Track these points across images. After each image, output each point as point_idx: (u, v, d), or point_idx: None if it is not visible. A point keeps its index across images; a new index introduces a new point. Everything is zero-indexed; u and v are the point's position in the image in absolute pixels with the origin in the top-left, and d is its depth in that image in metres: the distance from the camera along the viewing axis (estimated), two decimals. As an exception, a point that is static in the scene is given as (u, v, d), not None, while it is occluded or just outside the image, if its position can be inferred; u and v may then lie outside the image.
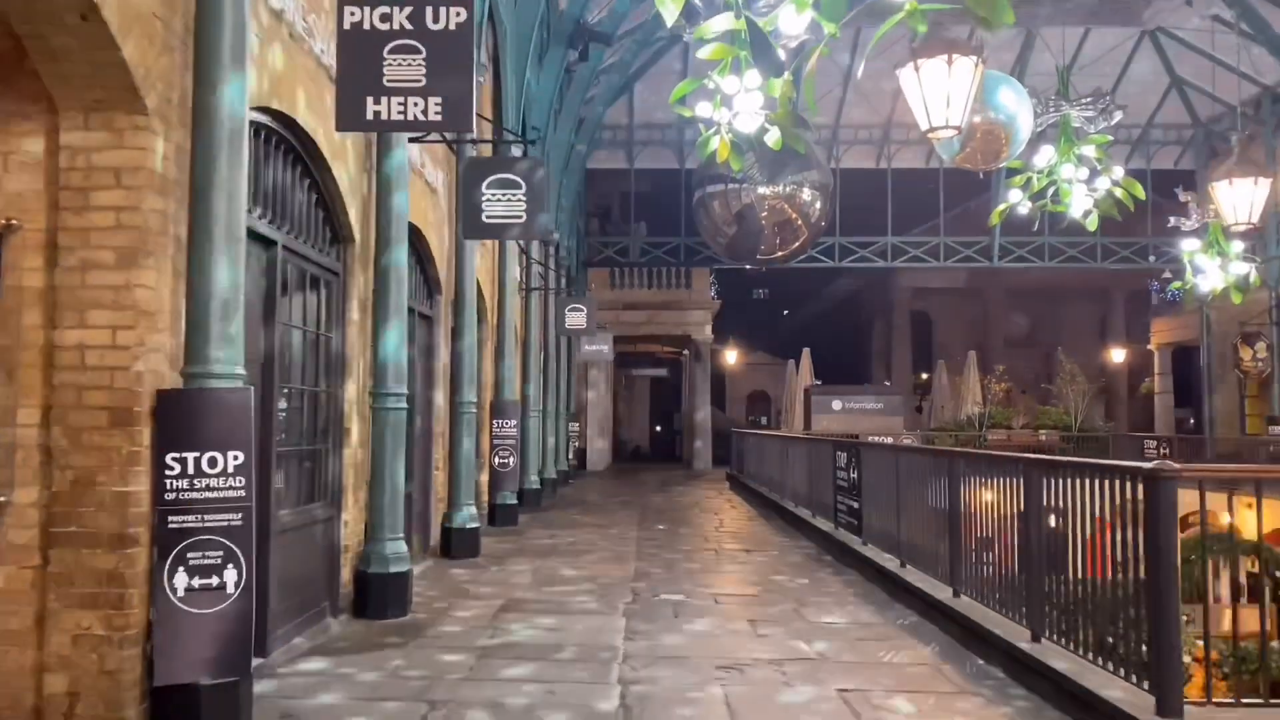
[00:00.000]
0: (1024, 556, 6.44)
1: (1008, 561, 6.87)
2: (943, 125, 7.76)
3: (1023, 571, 6.45)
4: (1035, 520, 6.29)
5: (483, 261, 13.47)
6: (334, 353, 7.53)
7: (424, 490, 10.52)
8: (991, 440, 26.33)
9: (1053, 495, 6.13)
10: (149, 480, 4.45)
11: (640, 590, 8.99)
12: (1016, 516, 6.73)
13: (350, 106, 5.51)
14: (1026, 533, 6.38)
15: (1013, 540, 6.78)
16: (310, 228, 7.05)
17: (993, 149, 14.23)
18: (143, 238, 4.45)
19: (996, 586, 6.99)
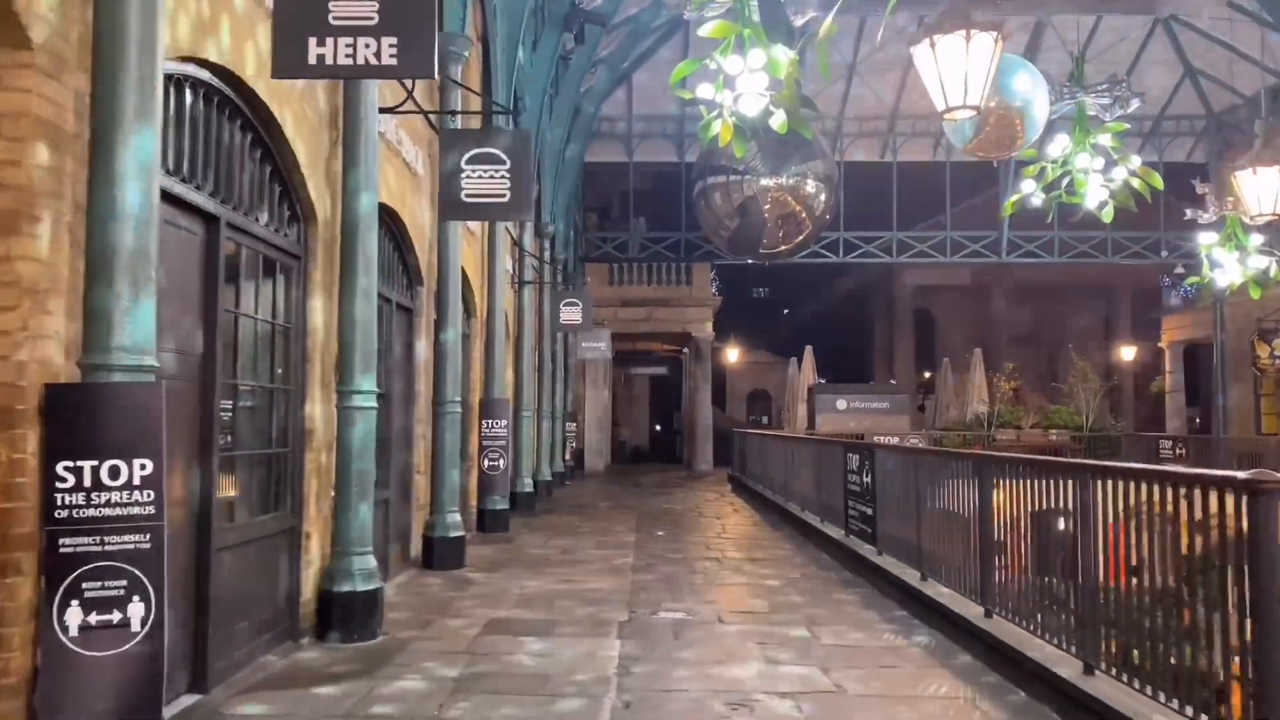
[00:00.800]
0: (1073, 574, 5.66)
1: (1050, 578, 6.10)
2: (960, 105, 7.22)
3: (1071, 591, 5.67)
4: (1088, 533, 5.50)
5: (470, 251, 12.68)
6: (294, 346, 6.75)
7: (403, 496, 9.73)
8: (1000, 440, 25.54)
9: (1107, 504, 5.35)
10: (35, 495, 3.67)
11: (637, 607, 8.21)
12: (1059, 527, 5.96)
13: (289, 48, 4.72)
14: (1077, 547, 5.59)
15: (1056, 555, 6.01)
16: (263, 204, 6.26)
17: (1006, 136, 13.48)
18: (27, 199, 3.66)
19: (1037, 606, 6.20)
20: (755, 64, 5.72)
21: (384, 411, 8.96)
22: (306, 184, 6.65)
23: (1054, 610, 5.94)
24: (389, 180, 8.74)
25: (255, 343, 6.21)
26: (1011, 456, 6.71)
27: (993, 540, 6.91)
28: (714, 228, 23.35)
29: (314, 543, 6.85)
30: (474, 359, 13.35)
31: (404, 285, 9.73)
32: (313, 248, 6.87)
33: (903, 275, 40.89)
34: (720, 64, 5.97)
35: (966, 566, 7.40)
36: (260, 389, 6.38)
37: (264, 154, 6.25)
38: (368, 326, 7.04)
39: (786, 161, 21.76)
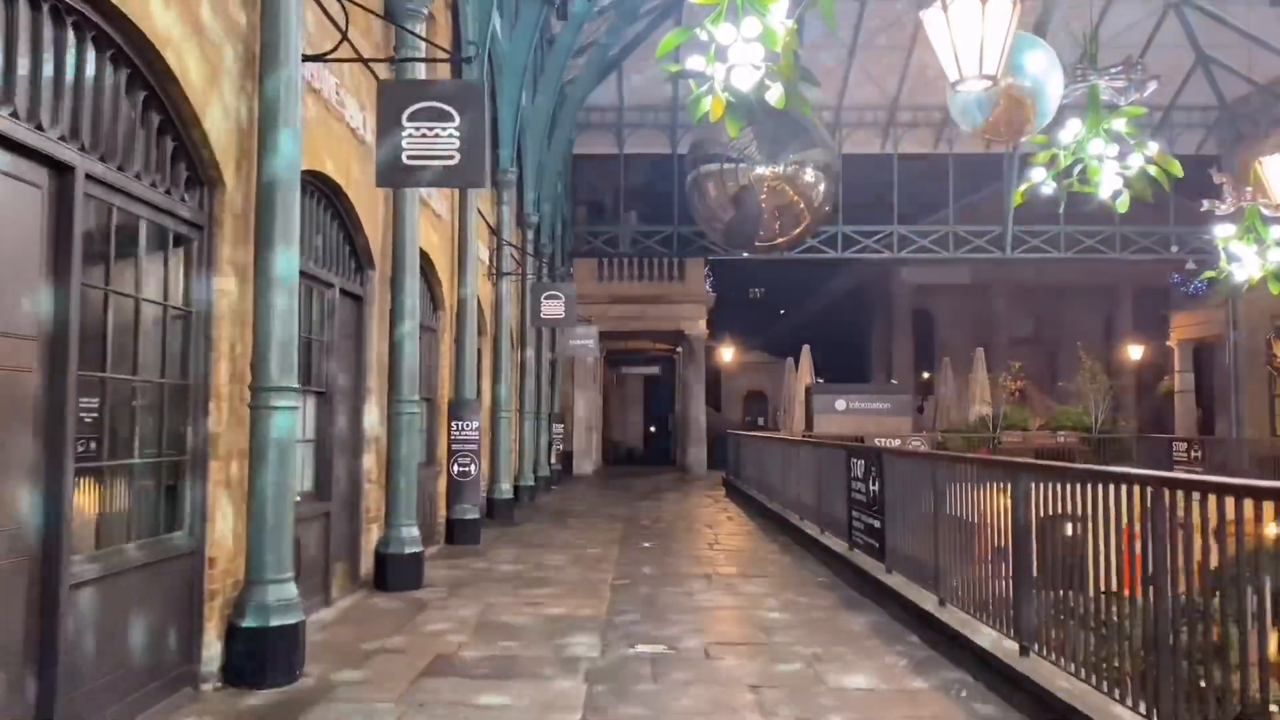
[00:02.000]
0: (1145, 611, 4.57)
1: (1108, 613, 5.00)
2: (974, 76, 6.61)
3: (1140, 634, 4.58)
4: (1161, 560, 4.42)
5: (436, 236, 11.57)
6: (196, 335, 5.63)
7: (350, 508, 8.61)
8: (1006, 443, 24.54)
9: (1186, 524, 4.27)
10: None
11: (613, 639, 7.09)
12: (1121, 549, 4.87)
13: None
14: (1152, 577, 4.50)
15: (1115, 584, 4.92)
16: (147, 159, 5.14)
17: (1018, 118, 12.49)
18: None
19: (1091, 647, 5.10)
20: (750, 33, 5.24)
21: (325, 412, 7.88)
22: (210, 140, 5.53)
23: (1116, 654, 4.84)
24: (331, 148, 7.63)
25: (137, 329, 5.09)
26: (1057, 465, 5.63)
27: (1031, 564, 5.83)
28: (707, 219, 22.28)
29: (220, 570, 5.73)
30: (443, 355, 12.24)
31: (351, 269, 8.60)
32: (219, 217, 5.75)
33: (901, 274, 39.95)
34: (712, 33, 5.47)
35: (996, 594, 6.32)
36: (147, 385, 5.26)
37: (150, 99, 5.13)
38: (288, 314, 5.92)
39: (784, 149, 20.72)
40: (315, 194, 7.69)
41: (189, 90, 5.24)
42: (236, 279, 5.89)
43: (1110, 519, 4.86)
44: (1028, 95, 12.18)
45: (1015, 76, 11.80)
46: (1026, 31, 13.39)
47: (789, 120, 21.21)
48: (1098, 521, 4.97)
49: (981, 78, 7.45)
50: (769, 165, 20.75)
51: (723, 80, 6.33)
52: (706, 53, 5.59)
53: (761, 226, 21.52)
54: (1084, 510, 5.21)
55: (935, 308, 42.13)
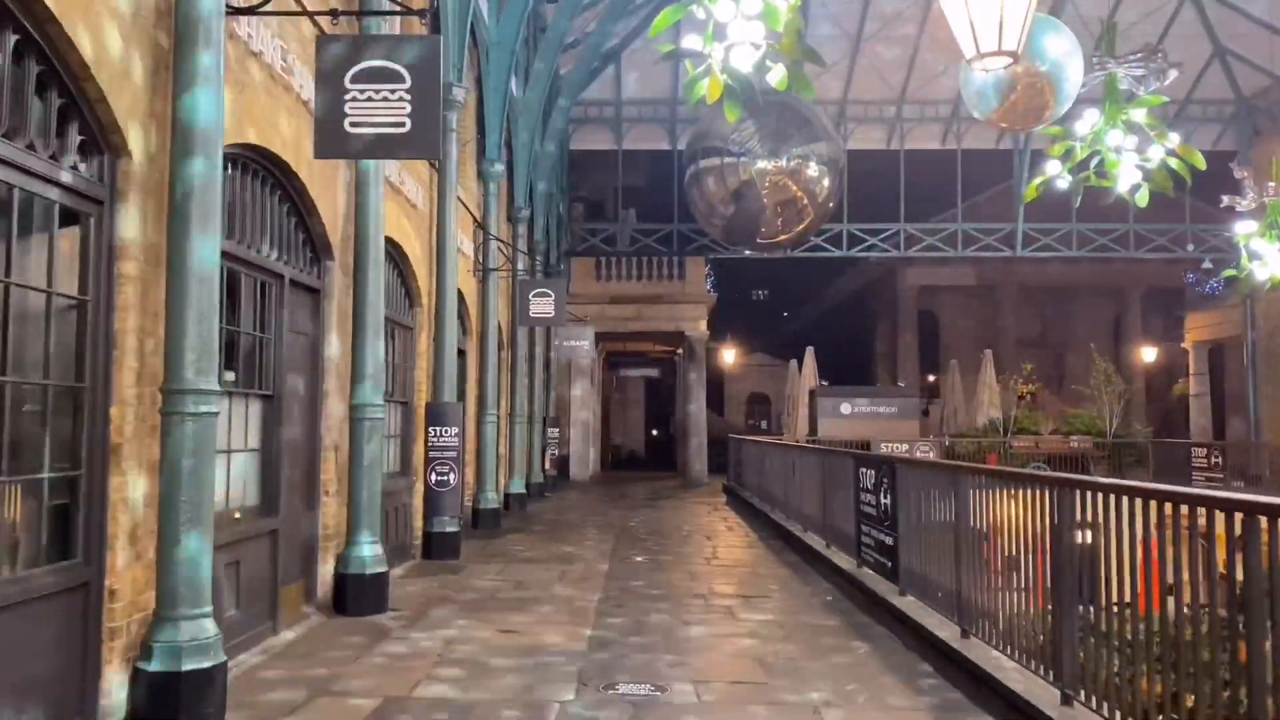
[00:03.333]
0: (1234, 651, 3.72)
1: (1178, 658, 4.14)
2: (994, 51, 6.16)
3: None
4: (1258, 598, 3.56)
5: (410, 225, 10.71)
6: (94, 329, 4.78)
7: (305, 522, 7.75)
8: (1018, 448, 23.64)
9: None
10: None
11: (592, 675, 6.23)
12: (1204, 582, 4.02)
13: None
14: (1246, 617, 3.65)
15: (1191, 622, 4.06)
16: (30, 123, 4.30)
17: (1035, 104, 11.73)
18: None
19: (1157, 701, 4.24)
20: (750, 10, 5.00)
21: (272, 418, 7.02)
22: (107, 99, 4.68)
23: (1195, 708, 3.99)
24: (277, 121, 6.78)
25: (6, 321, 4.24)
26: (1106, 482, 4.77)
27: (1072, 594, 4.97)
28: (707, 216, 21.34)
29: (124, 604, 4.88)
30: (420, 355, 11.38)
31: (305, 259, 7.74)
32: (123, 190, 4.90)
33: (906, 275, 39.11)
34: (709, 10, 5.16)
35: (1033, 628, 5.46)
36: (25, 388, 4.41)
37: (37, 56, 4.29)
38: (208, 304, 5.07)
39: (787, 142, 19.77)
40: (260, 173, 6.85)
41: (74, 34, 4.39)
42: (145, 263, 5.04)
43: (1193, 551, 4.00)
44: (1046, 81, 11.38)
45: (1033, 61, 11.00)
46: (1045, 14, 12.59)
47: (792, 113, 20.33)
48: (1175, 552, 4.11)
49: (1001, 53, 6.69)
50: (771, 159, 19.79)
51: (721, 60, 5.72)
52: (704, 31, 5.23)
53: (763, 223, 20.54)
54: (1133, 533, 4.38)
55: (940, 309, 41.29)
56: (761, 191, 20.07)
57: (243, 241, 6.54)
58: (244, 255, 6.54)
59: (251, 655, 6.53)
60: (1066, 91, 11.13)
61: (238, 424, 6.67)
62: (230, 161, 6.29)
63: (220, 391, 5.21)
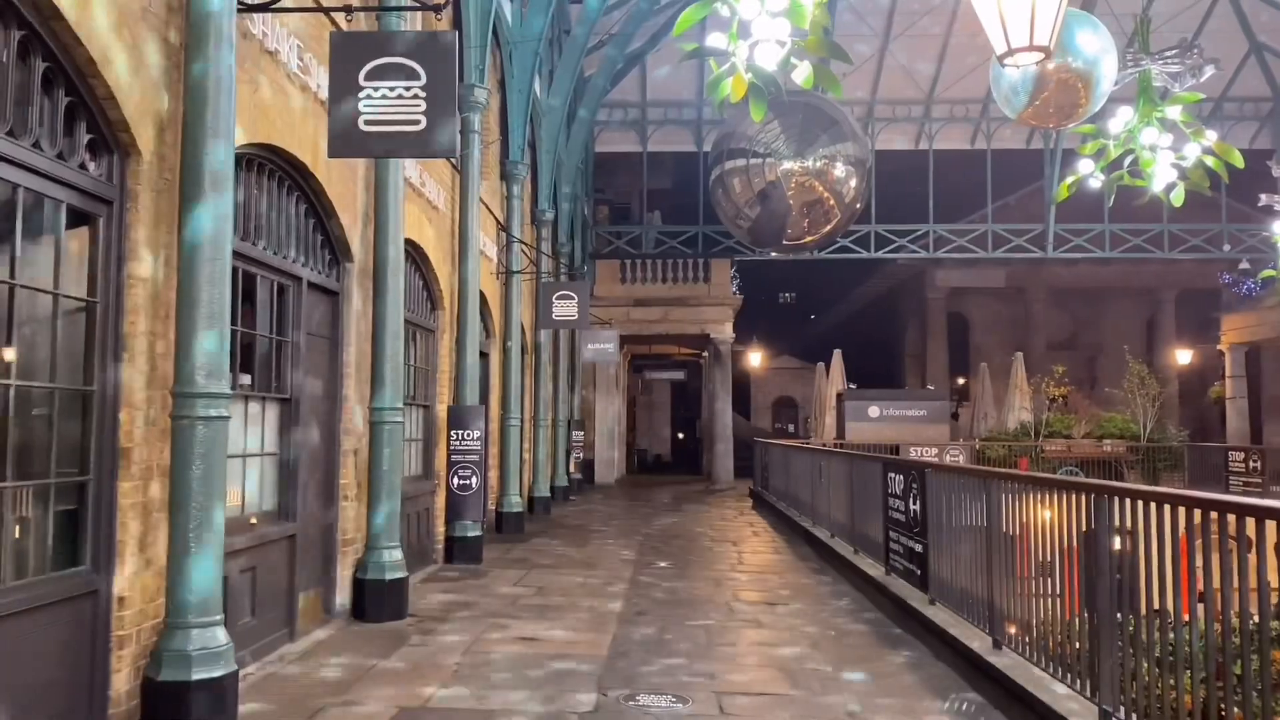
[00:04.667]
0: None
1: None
2: (1025, 47, 5.97)
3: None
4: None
5: (432, 229, 10.63)
6: (104, 330, 4.70)
7: (322, 530, 7.65)
8: (1049, 451, 23.24)
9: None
10: None
11: (613, 683, 6.09)
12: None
13: None
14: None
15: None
16: (36, 121, 4.21)
17: (1068, 102, 11.44)
18: None
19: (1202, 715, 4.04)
20: (775, 7, 4.88)
21: (290, 422, 6.93)
22: (117, 98, 4.60)
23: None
24: (292, 121, 6.70)
25: (11, 322, 4.15)
26: (1150, 490, 4.56)
27: (1109, 607, 4.77)
28: (733, 217, 21.18)
29: (133, 612, 4.78)
30: (442, 358, 11.29)
31: (324, 261, 7.66)
32: (133, 190, 4.81)
33: (935, 277, 38.72)
34: (734, 7, 5.05)
35: (1071, 642, 5.25)
36: (30, 391, 4.33)
37: (32, 41, 4.21)
38: (219, 306, 4.97)
39: (813, 143, 19.59)
40: (276, 174, 6.76)
41: (80, 31, 4.30)
42: (157, 264, 4.95)
43: (1242, 560, 3.79)
44: (1079, 78, 11.11)
45: (1065, 57, 10.74)
46: (1077, 9, 12.35)
47: (819, 113, 20.13)
48: (1218, 560, 3.91)
49: (1032, 48, 6.51)
50: (797, 160, 19.61)
51: (745, 58, 5.58)
52: (728, 29, 5.12)
53: (789, 224, 20.35)
54: (1174, 541, 4.17)
55: (970, 311, 40.84)
56: (787, 192, 19.90)
57: (259, 243, 6.45)
58: (260, 257, 6.45)
59: (267, 663, 6.43)
60: (1100, 88, 10.88)
61: (254, 428, 6.59)
62: (246, 162, 6.22)
63: (231, 395, 5.11)
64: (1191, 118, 9.32)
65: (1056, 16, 6.55)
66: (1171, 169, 9.25)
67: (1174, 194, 9.18)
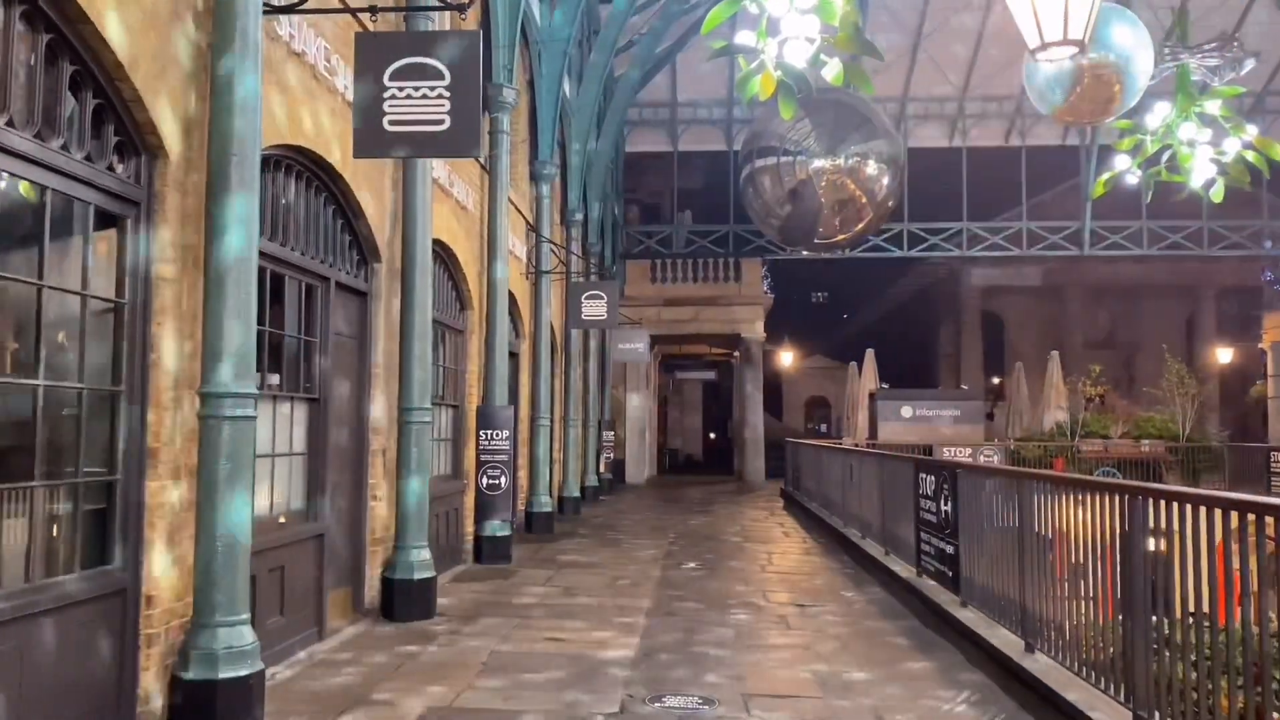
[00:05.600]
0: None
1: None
2: (1059, 41, 6.05)
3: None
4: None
5: (461, 230, 10.66)
6: (130, 331, 4.74)
7: (350, 527, 7.69)
8: (1086, 452, 22.91)
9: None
10: None
11: (638, 685, 6.06)
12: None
13: None
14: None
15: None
16: (64, 124, 4.25)
17: (1103, 97, 11.27)
18: None
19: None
20: (804, 3, 4.96)
21: (318, 421, 6.97)
22: (143, 99, 4.63)
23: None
24: (320, 122, 6.73)
25: (40, 324, 4.20)
26: (1188, 491, 4.47)
27: (1145, 610, 4.67)
28: (763, 216, 21.10)
29: (161, 610, 4.82)
30: (471, 358, 11.32)
31: (352, 262, 7.70)
32: (160, 191, 4.85)
33: (970, 276, 38.40)
34: (763, 5, 5.15)
35: (1106, 645, 5.15)
36: (58, 391, 4.37)
37: (60, 44, 4.25)
38: (246, 307, 5.00)
39: (844, 140, 19.47)
40: (304, 175, 6.80)
41: (107, 34, 4.34)
42: (183, 265, 4.98)
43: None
44: (1114, 72, 10.93)
45: (1099, 52, 10.57)
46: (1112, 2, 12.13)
47: (850, 110, 19.99)
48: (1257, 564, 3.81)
49: (1066, 43, 6.41)
50: (828, 158, 19.50)
51: (774, 56, 5.57)
52: (757, 27, 5.17)
53: (821, 223, 20.24)
54: (1210, 544, 4.07)
55: (1005, 310, 40.44)
56: (819, 191, 19.79)
57: (286, 244, 6.49)
58: (288, 258, 6.49)
59: (295, 661, 6.47)
60: (1136, 83, 10.71)
61: (283, 428, 6.63)
62: (274, 163, 6.26)
63: (258, 395, 5.14)
64: (1231, 112, 9.16)
65: (1091, 10, 6.44)
66: (1211, 164, 9.09)
67: (1213, 190, 9.02)
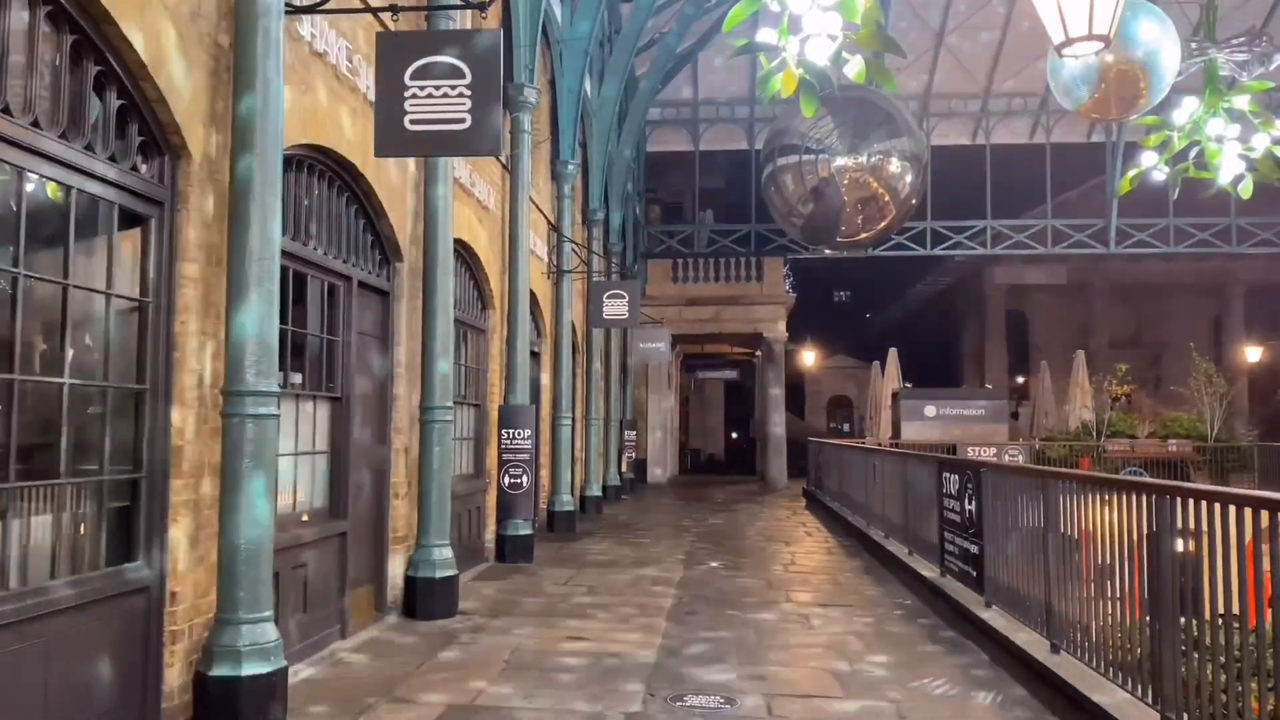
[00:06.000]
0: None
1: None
2: (1083, 36, 5.91)
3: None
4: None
5: (483, 229, 10.68)
6: (155, 330, 4.77)
7: (371, 526, 7.71)
8: (1112, 452, 22.69)
9: None
10: None
11: (660, 684, 6.04)
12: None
13: None
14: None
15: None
16: (89, 123, 4.28)
17: (1129, 94, 11.12)
18: None
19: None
20: (826, 0, 4.81)
21: (341, 420, 7.00)
22: (167, 100, 4.66)
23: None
24: (342, 123, 6.76)
25: (65, 323, 4.23)
26: (1216, 490, 4.41)
27: (1173, 611, 4.61)
28: (785, 215, 20.96)
29: (185, 607, 4.85)
30: (493, 357, 11.34)
31: (374, 261, 7.72)
32: (183, 190, 4.88)
33: (994, 274, 38.07)
34: (784, 2, 5.02)
35: (1133, 644, 5.09)
36: (83, 390, 4.41)
37: (84, 45, 4.28)
38: (268, 305, 5.02)
39: (867, 138, 19.29)
40: (326, 175, 6.83)
41: (131, 34, 4.36)
42: (206, 264, 5.01)
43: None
44: (1139, 68, 10.81)
45: (1125, 47, 10.46)
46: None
47: (872, 107, 19.84)
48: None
49: (1091, 38, 6.33)
50: (851, 156, 19.34)
51: (796, 53, 5.52)
52: (779, 24, 5.10)
53: (843, 221, 20.07)
54: (1240, 543, 4.01)
55: (1029, 309, 40.08)
56: (841, 189, 19.64)
57: (309, 243, 6.52)
58: (310, 257, 6.52)
59: (318, 659, 6.50)
60: (1163, 79, 10.58)
61: (305, 426, 6.66)
62: (295, 163, 6.28)
63: (280, 393, 5.16)
64: (1260, 107, 9.03)
65: (1116, 4, 6.37)
66: (1239, 160, 8.97)
67: (1242, 186, 8.90)
